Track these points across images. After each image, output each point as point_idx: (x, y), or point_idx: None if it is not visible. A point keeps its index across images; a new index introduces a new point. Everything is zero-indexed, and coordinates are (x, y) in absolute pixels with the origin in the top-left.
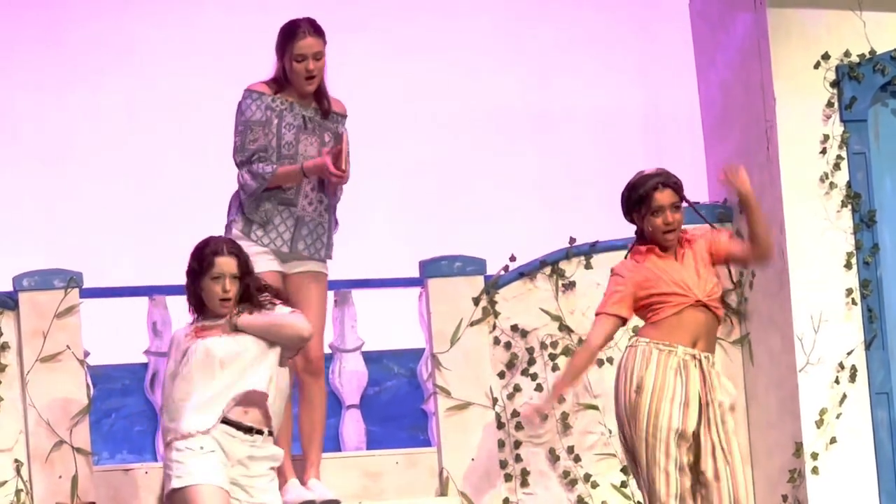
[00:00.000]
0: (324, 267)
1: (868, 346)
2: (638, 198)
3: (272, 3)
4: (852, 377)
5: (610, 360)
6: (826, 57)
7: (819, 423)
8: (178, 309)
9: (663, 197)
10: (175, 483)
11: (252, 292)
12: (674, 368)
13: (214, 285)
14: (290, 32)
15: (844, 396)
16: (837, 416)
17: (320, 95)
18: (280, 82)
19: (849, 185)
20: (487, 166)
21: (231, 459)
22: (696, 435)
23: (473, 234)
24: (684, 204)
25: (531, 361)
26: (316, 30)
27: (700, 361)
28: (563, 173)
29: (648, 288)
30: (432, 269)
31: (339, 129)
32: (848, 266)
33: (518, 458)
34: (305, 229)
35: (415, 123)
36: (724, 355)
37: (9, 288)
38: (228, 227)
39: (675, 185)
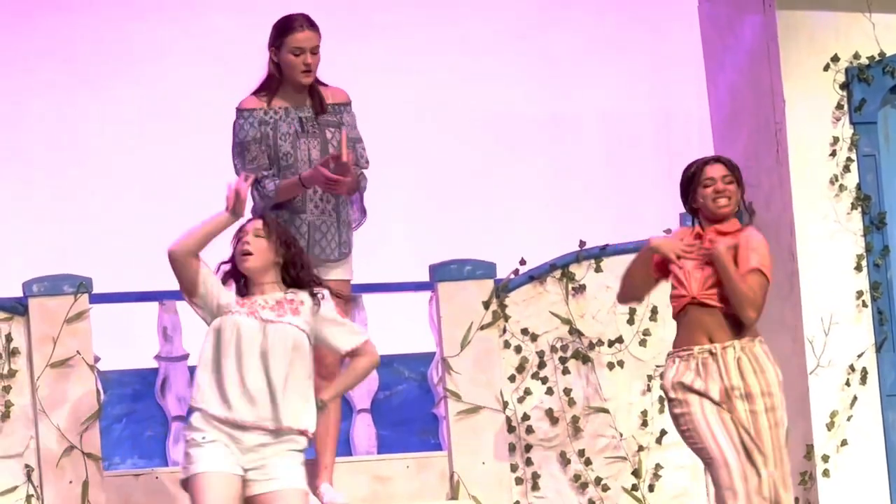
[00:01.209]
0: (348, 272)
1: (878, 348)
2: (690, 175)
3: (283, 11)
4: (863, 379)
5: (620, 364)
6: (835, 59)
7: (830, 426)
8: (188, 313)
9: (714, 170)
10: (181, 474)
11: (292, 259)
12: (693, 370)
13: (235, 243)
14: (287, 27)
15: (855, 399)
16: (848, 419)
17: (313, 93)
18: (272, 82)
19: (858, 187)
20: (497, 170)
21: (240, 447)
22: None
23: (483, 238)
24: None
25: (541, 365)
26: (311, 24)
27: (718, 355)
28: (572, 177)
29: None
30: (442, 273)
31: (341, 119)
32: (858, 268)
33: (529, 462)
34: (319, 233)
35: (425, 128)
36: None
37: (18, 294)
38: None
39: (729, 163)
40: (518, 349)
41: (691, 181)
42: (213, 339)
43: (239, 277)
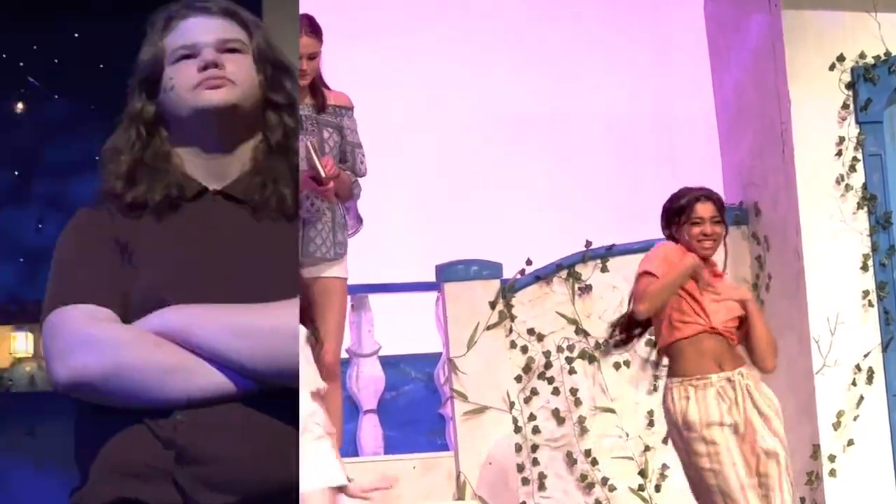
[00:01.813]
0: (342, 270)
1: (885, 347)
2: (679, 207)
3: None
4: (869, 379)
5: (627, 364)
6: (841, 59)
7: (836, 426)
8: None
9: (705, 209)
10: None
11: None
12: (714, 396)
13: None
14: None
15: (861, 398)
16: (854, 419)
17: (315, 90)
18: None
19: (864, 186)
20: (503, 170)
21: None
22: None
23: (489, 238)
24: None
25: (548, 365)
26: (314, 29)
27: (736, 382)
28: (579, 176)
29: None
30: (449, 273)
31: (341, 122)
32: (864, 268)
33: (535, 462)
34: (313, 231)
35: (430, 128)
36: None
37: None
38: None
39: (718, 201)
40: (524, 349)
41: (679, 213)
42: None
43: None
